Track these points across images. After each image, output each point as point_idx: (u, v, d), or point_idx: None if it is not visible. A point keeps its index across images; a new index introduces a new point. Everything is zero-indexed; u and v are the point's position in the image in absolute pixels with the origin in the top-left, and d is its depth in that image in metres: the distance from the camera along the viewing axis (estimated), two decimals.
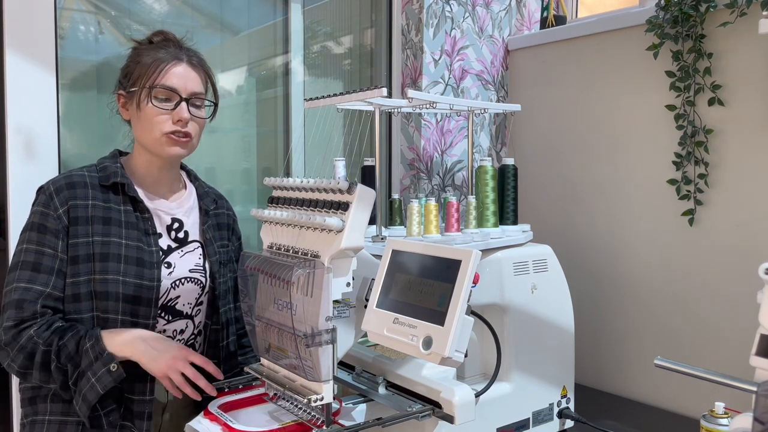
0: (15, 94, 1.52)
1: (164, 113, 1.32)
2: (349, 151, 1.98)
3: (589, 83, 2.00)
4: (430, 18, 2.09)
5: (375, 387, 1.30)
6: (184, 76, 1.34)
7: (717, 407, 1.32)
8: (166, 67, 1.33)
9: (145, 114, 1.33)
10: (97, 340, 1.23)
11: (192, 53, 1.39)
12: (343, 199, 1.12)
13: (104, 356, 1.21)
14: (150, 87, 1.32)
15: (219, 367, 1.43)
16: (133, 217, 1.34)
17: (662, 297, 1.83)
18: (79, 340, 1.23)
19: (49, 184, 1.32)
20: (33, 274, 1.26)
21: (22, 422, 1.33)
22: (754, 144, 1.63)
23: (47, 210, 1.29)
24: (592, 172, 2.00)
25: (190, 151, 1.39)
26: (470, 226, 1.51)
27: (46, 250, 1.28)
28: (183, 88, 1.34)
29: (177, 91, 1.33)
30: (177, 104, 1.33)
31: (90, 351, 1.22)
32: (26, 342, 1.22)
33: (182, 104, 1.33)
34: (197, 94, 1.36)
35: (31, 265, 1.27)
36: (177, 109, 1.33)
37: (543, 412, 1.52)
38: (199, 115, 1.38)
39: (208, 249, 1.44)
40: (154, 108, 1.32)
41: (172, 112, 1.33)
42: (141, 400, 1.29)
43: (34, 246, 1.28)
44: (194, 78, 1.36)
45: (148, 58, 1.34)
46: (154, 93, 1.32)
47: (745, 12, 1.57)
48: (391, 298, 1.14)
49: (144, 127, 1.34)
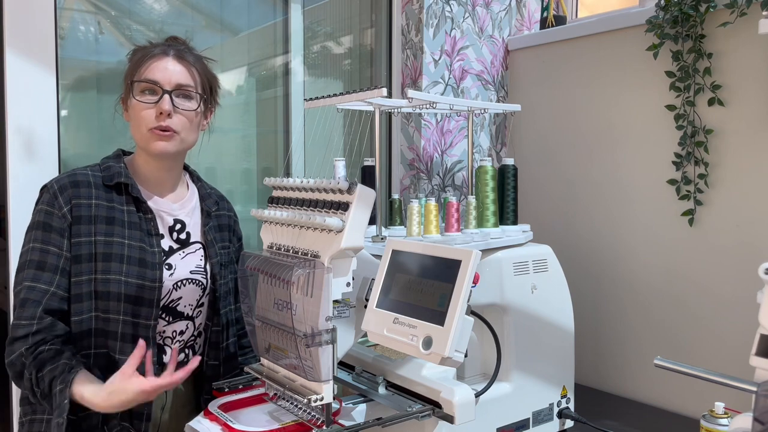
0: (15, 94, 1.52)
1: (148, 107, 1.31)
2: (349, 151, 1.98)
3: (589, 83, 2.00)
4: (430, 18, 2.09)
5: (375, 387, 1.30)
6: (167, 69, 1.32)
7: (717, 407, 1.32)
8: (150, 61, 1.32)
9: (132, 110, 1.33)
10: (66, 386, 1.17)
11: (182, 47, 1.38)
12: (343, 199, 1.12)
13: (62, 405, 1.16)
14: (133, 81, 1.32)
15: (219, 369, 1.44)
16: (136, 217, 1.34)
17: (662, 297, 1.83)
18: (52, 380, 1.19)
19: (53, 182, 1.32)
20: (37, 273, 1.26)
21: (20, 421, 1.32)
22: (754, 144, 1.63)
23: (51, 209, 1.29)
24: (592, 172, 2.00)
25: (179, 146, 1.35)
26: (470, 226, 1.51)
27: (51, 249, 1.27)
28: (167, 81, 1.31)
29: (159, 83, 1.31)
30: (160, 97, 1.31)
31: (57, 397, 1.17)
32: (16, 359, 1.23)
33: (165, 97, 1.30)
34: (183, 86, 1.33)
35: (36, 263, 1.27)
36: (159, 102, 1.30)
37: (543, 412, 1.52)
38: (187, 107, 1.34)
39: (210, 250, 1.43)
40: (138, 102, 1.31)
41: (156, 105, 1.31)
42: None
43: (39, 245, 1.28)
44: (180, 71, 1.33)
45: (137, 55, 1.35)
46: (137, 87, 1.31)
47: (745, 12, 1.57)
48: (391, 298, 1.14)
49: (133, 125, 1.34)
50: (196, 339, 1.43)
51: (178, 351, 1.39)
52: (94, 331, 1.28)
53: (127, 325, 1.29)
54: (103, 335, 1.28)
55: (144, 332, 1.30)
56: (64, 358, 1.21)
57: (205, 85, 1.38)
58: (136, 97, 1.31)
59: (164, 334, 1.37)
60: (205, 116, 1.41)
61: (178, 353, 1.39)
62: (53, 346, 1.23)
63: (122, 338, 1.28)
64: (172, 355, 1.20)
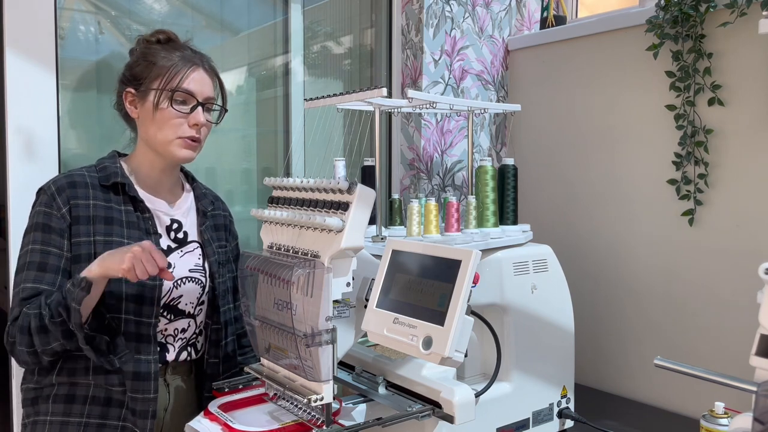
0: (15, 94, 1.52)
1: (182, 116, 1.34)
2: (349, 151, 1.98)
3: (589, 83, 2.00)
4: (430, 18, 2.09)
5: (375, 387, 1.30)
6: (201, 81, 1.37)
7: (717, 407, 1.32)
8: (186, 71, 1.35)
9: (162, 115, 1.34)
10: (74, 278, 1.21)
11: (206, 59, 1.42)
12: (343, 199, 1.12)
13: (78, 280, 1.18)
14: (171, 90, 1.33)
15: (219, 367, 1.44)
16: (133, 217, 1.34)
17: (662, 297, 1.83)
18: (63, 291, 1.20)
19: (50, 184, 1.32)
20: (39, 274, 1.26)
21: (23, 423, 1.32)
22: (754, 144, 1.63)
23: (50, 210, 1.29)
24: (592, 171, 2.00)
25: (198, 154, 1.41)
26: (470, 226, 1.51)
27: (51, 250, 1.27)
28: (200, 93, 1.36)
29: (195, 95, 1.35)
30: (193, 108, 1.35)
31: (71, 287, 1.19)
32: (22, 320, 1.23)
33: (198, 109, 1.35)
34: (210, 99, 1.39)
35: (37, 265, 1.26)
36: (194, 114, 1.35)
37: (543, 412, 1.52)
38: (211, 119, 1.40)
39: (207, 249, 1.44)
40: (173, 111, 1.33)
41: (189, 116, 1.35)
42: (145, 399, 1.29)
43: (39, 246, 1.28)
44: (209, 83, 1.39)
45: (164, 60, 1.35)
46: (174, 96, 1.33)
47: (745, 12, 1.57)
48: (391, 298, 1.14)
49: (158, 128, 1.35)
50: (198, 337, 1.44)
51: (179, 348, 1.40)
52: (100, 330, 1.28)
53: (129, 324, 1.29)
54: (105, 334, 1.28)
55: (146, 330, 1.30)
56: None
57: (223, 96, 1.44)
58: (174, 106, 1.33)
59: (166, 332, 1.37)
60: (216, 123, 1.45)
61: (179, 351, 1.40)
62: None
63: (126, 337, 1.29)
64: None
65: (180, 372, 1.42)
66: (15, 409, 1.50)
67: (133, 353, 1.28)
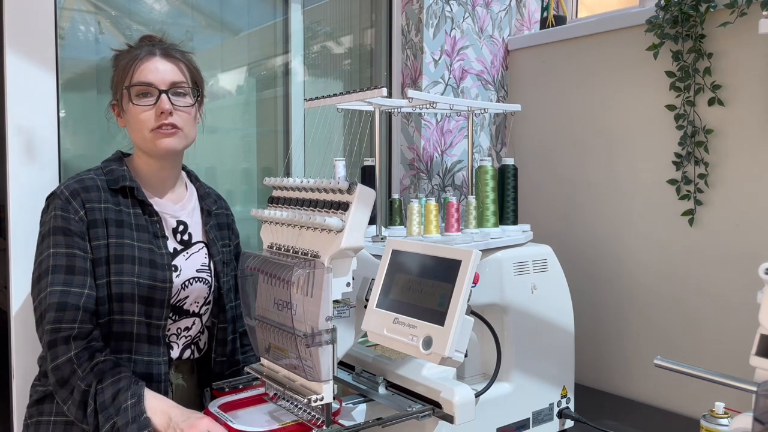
0: (15, 95, 1.52)
1: (147, 109, 1.32)
2: (349, 151, 1.98)
3: (589, 83, 2.00)
4: (430, 18, 2.09)
5: (375, 387, 1.30)
6: (158, 69, 1.33)
7: (717, 407, 1.32)
8: (139, 64, 1.33)
9: (131, 115, 1.33)
10: (139, 400, 1.18)
11: (166, 45, 1.38)
12: (343, 199, 1.12)
13: (141, 420, 1.16)
14: (128, 87, 1.32)
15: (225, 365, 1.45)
16: (142, 219, 1.35)
17: (662, 297, 1.83)
18: (117, 393, 1.18)
19: (62, 188, 1.31)
20: (68, 277, 1.24)
21: (25, 423, 1.32)
22: (754, 144, 1.63)
23: (67, 213, 1.28)
24: (592, 171, 2.00)
25: (184, 142, 1.36)
26: (470, 226, 1.51)
27: (77, 252, 1.26)
28: (160, 81, 1.32)
29: (154, 84, 1.32)
30: (158, 98, 1.32)
31: (130, 410, 1.17)
32: (64, 364, 1.20)
33: (162, 96, 1.32)
34: (177, 83, 1.35)
35: (64, 268, 1.25)
36: (158, 103, 1.32)
37: (543, 412, 1.52)
38: (184, 103, 1.36)
39: (212, 249, 1.45)
40: (135, 107, 1.32)
41: (155, 106, 1.32)
42: None
43: (64, 249, 1.26)
44: (170, 69, 1.35)
45: (123, 60, 1.35)
46: (132, 92, 1.32)
47: (745, 12, 1.57)
48: (391, 298, 1.14)
49: (133, 129, 1.35)
50: (201, 335, 1.44)
51: (183, 346, 1.40)
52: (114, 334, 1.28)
53: (141, 326, 1.30)
54: (119, 337, 1.28)
55: (155, 332, 1.32)
56: (125, 371, 1.22)
57: (194, 78, 1.40)
58: (134, 102, 1.31)
59: (170, 331, 1.38)
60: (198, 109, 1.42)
61: (183, 349, 1.40)
62: (108, 357, 1.23)
63: (137, 339, 1.29)
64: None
65: (182, 370, 1.43)
66: (15, 410, 1.50)
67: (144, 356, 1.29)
